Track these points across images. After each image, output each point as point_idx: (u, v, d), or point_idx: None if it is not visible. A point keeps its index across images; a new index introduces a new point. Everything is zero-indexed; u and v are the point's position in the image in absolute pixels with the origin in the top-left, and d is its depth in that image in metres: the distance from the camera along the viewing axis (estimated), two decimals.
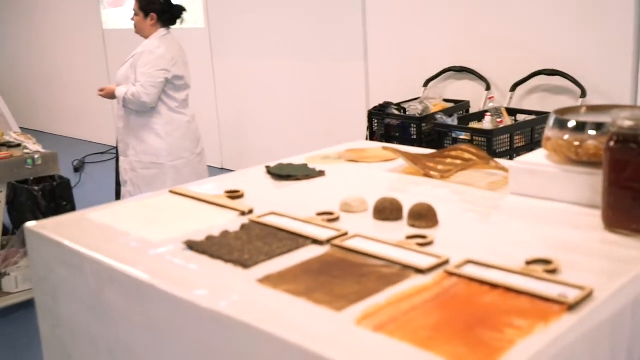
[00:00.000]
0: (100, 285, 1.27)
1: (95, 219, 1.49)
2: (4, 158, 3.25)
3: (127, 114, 3.54)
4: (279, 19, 5.30)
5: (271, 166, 1.85)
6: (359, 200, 1.47)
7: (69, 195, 4.00)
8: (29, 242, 1.48)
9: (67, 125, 8.24)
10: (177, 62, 3.53)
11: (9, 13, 8.67)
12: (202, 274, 1.17)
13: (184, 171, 3.59)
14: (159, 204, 1.59)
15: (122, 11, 6.97)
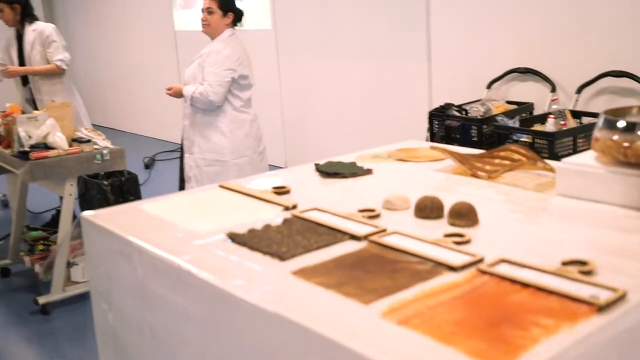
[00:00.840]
0: (145, 272, 1.33)
1: (147, 210, 1.56)
2: (75, 153, 3.39)
3: (193, 112, 3.64)
4: (344, 19, 5.33)
5: (320, 164, 1.87)
6: (401, 198, 1.48)
7: (136, 190, 4.13)
8: (85, 231, 1.56)
9: (139, 123, 8.51)
10: (243, 62, 3.60)
11: (86, 14, 9.03)
12: (241, 264, 1.21)
13: (246, 169, 3.66)
14: (209, 197, 1.65)
15: (192, 13, 7.15)
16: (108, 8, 8.62)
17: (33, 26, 4.67)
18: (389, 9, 4.95)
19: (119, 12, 8.44)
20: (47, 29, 4.68)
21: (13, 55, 4.76)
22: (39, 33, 4.65)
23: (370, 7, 5.09)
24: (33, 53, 4.67)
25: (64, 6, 9.50)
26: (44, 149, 3.37)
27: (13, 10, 4.64)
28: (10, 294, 3.77)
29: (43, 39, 4.65)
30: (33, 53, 4.67)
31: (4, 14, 4.64)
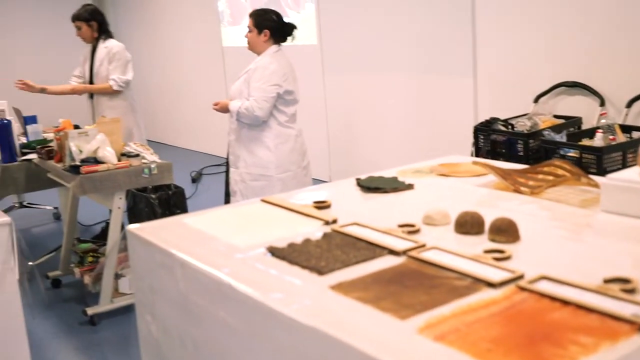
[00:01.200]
0: (188, 285, 1.35)
1: (190, 224, 1.59)
2: (124, 167, 3.47)
3: (239, 127, 3.69)
4: (389, 34, 5.34)
5: (361, 179, 1.88)
6: (442, 214, 1.48)
7: (182, 204, 4.21)
8: (130, 244, 1.60)
9: (187, 137, 8.65)
10: (288, 78, 3.64)
11: (137, 31, 9.24)
12: (280, 278, 1.23)
13: (290, 184, 3.69)
14: (250, 211, 1.67)
15: (239, 29, 7.26)
16: (158, 24, 8.81)
17: (106, 43, 4.82)
18: (434, 23, 4.94)
19: (168, 29, 8.62)
20: (116, 47, 4.81)
21: (86, 70, 4.92)
22: (109, 50, 4.79)
23: (416, 22, 5.09)
24: (101, 69, 4.82)
25: (116, 22, 9.74)
26: (93, 163, 3.45)
27: (90, 28, 4.80)
28: (61, 304, 3.86)
29: (110, 56, 4.79)
30: (101, 69, 4.82)
31: (82, 32, 4.80)
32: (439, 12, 4.89)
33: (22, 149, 4.17)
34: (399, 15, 5.22)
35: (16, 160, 4.07)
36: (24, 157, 4.10)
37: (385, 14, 5.35)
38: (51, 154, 3.82)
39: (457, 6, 4.72)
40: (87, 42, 4.89)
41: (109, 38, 4.88)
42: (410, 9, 5.10)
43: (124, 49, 4.85)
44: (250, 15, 3.75)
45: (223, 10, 7.46)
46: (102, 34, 4.85)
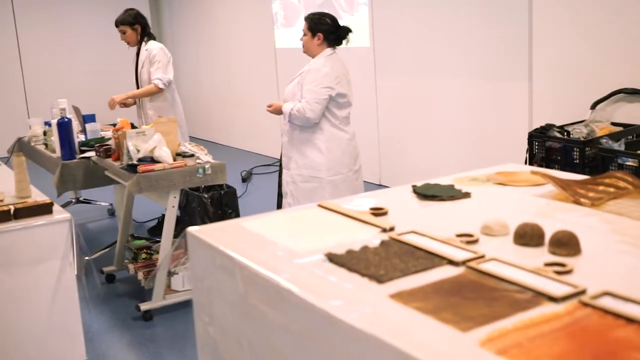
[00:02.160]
0: (247, 288, 1.38)
1: (249, 227, 1.61)
2: (179, 167, 3.53)
3: (292, 129, 3.72)
4: (442, 37, 5.31)
5: (418, 185, 1.88)
6: (500, 224, 1.47)
7: (234, 204, 4.27)
8: (190, 245, 1.63)
9: (238, 137, 8.75)
10: (341, 81, 3.66)
11: (191, 31, 9.39)
12: (339, 285, 1.24)
13: (341, 187, 3.70)
14: (307, 216, 1.68)
15: (292, 31, 7.31)
16: (212, 25, 8.93)
17: (147, 45, 4.92)
18: (490, 26, 4.89)
19: (222, 29, 8.73)
20: (155, 48, 4.89)
21: (134, 74, 5.03)
22: (149, 53, 4.88)
23: (470, 25, 5.05)
24: (143, 71, 4.92)
25: (172, 23, 9.92)
26: (150, 162, 3.52)
27: (134, 31, 4.90)
28: (115, 299, 3.96)
29: (150, 57, 4.87)
30: (143, 71, 4.92)
31: (126, 36, 4.90)
32: (494, 14, 4.84)
33: (80, 147, 4.28)
34: (453, 18, 5.18)
35: (75, 157, 4.18)
36: (83, 154, 4.21)
37: (439, 16, 5.32)
38: (109, 152, 3.92)
39: (514, 9, 4.66)
40: (131, 45, 4.98)
41: (150, 40, 4.96)
42: (465, 12, 5.06)
43: (163, 49, 4.93)
44: (305, 19, 3.78)
45: (277, 12, 7.52)
46: (145, 36, 4.94)
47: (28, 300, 3.00)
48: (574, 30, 4.28)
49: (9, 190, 3.52)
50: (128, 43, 4.98)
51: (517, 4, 4.62)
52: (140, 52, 4.95)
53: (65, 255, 3.07)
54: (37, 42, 9.25)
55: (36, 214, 3.04)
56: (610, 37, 4.07)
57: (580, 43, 4.25)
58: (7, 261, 2.94)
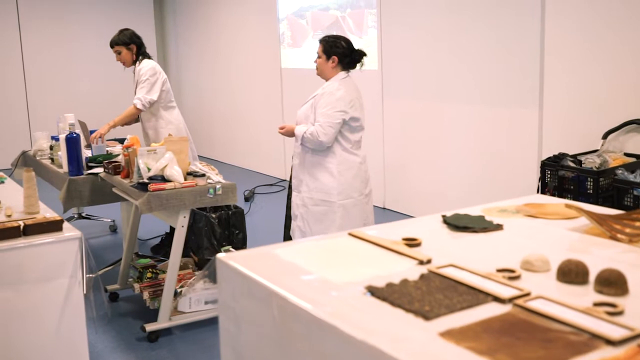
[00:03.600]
0: (284, 318, 1.34)
1: (281, 255, 1.58)
2: (190, 186, 3.50)
3: (304, 152, 3.69)
4: (452, 62, 5.31)
5: (447, 215, 1.85)
6: (541, 260, 1.44)
7: (241, 224, 4.22)
8: (219, 271, 1.59)
9: (240, 156, 8.72)
10: (355, 105, 3.64)
11: (196, 49, 9.40)
12: (383, 320, 1.20)
13: (352, 211, 3.67)
14: (339, 245, 1.65)
15: (299, 52, 7.32)
16: (218, 43, 8.94)
17: (141, 65, 4.83)
18: (501, 51, 4.89)
19: (228, 47, 8.73)
20: (144, 67, 4.77)
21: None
22: (138, 72, 4.82)
23: (481, 50, 5.05)
24: (136, 90, 4.85)
25: (177, 41, 9.93)
26: (161, 181, 3.48)
27: (130, 51, 4.84)
28: (119, 318, 3.90)
29: (138, 77, 4.80)
30: (136, 90, 4.85)
31: (122, 56, 4.84)
32: (506, 40, 4.84)
33: (87, 163, 4.24)
34: (464, 42, 5.19)
35: (82, 173, 4.14)
36: (90, 170, 4.17)
37: (449, 41, 5.33)
38: (118, 169, 3.88)
39: (525, 34, 4.66)
40: (127, 66, 4.90)
41: (145, 59, 4.87)
42: (476, 37, 5.07)
43: (154, 67, 4.77)
44: (320, 41, 3.77)
45: (284, 32, 7.53)
46: (140, 55, 4.88)
47: (35, 318, 2.94)
48: (586, 58, 4.28)
49: (17, 205, 3.47)
50: (123, 63, 4.90)
51: (529, 29, 4.63)
52: (135, 71, 4.90)
53: (74, 273, 3.02)
54: (40, 55, 9.24)
55: (46, 231, 2.99)
56: (623, 66, 4.07)
57: (593, 71, 4.25)
58: (15, 279, 2.88)
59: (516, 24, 4.73)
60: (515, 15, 4.74)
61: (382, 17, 6.02)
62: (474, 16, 5.07)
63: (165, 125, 4.87)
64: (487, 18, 4.96)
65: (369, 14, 6.24)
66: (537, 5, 4.53)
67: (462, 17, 5.18)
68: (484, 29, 5.00)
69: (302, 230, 3.72)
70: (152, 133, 4.87)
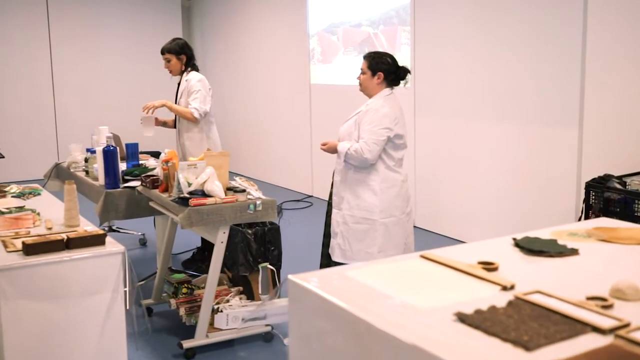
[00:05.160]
0: (369, 344, 1.29)
1: (355, 278, 1.53)
2: (230, 202, 3.46)
3: (346, 169, 3.65)
4: (487, 79, 5.27)
5: (518, 238, 1.80)
6: (633, 287, 1.38)
7: (277, 241, 4.17)
8: (291, 292, 1.55)
9: (266, 171, 8.70)
10: (399, 122, 3.60)
11: (224, 62, 9.42)
12: (481, 349, 1.15)
13: (393, 229, 3.62)
14: (413, 268, 1.60)
15: (329, 67, 7.31)
16: (246, 57, 8.96)
17: (188, 76, 4.87)
18: (539, 68, 4.82)
19: (255, 61, 8.75)
20: (195, 78, 4.83)
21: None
22: (188, 82, 4.84)
23: (518, 66, 5.00)
24: (181, 101, 4.86)
25: (204, 54, 9.96)
26: (201, 196, 3.46)
27: (179, 61, 4.86)
28: (154, 333, 3.85)
29: (189, 87, 4.83)
30: (181, 101, 4.86)
31: (171, 64, 4.86)
32: (544, 55, 4.77)
33: (124, 176, 4.23)
34: (500, 59, 5.14)
35: (119, 186, 4.13)
36: (126, 184, 4.15)
37: (483, 58, 5.28)
38: (156, 183, 3.86)
39: (565, 49, 4.58)
40: (174, 74, 4.94)
41: (193, 71, 4.92)
42: (513, 53, 5.02)
43: (203, 80, 4.85)
44: (365, 57, 3.74)
45: (314, 48, 7.53)
46: (189, 66, 4.91)
47: (77, 332, 2.91)
48: (629, 74, 4.21)
49: (55, 217, 3.46)
50: (171, 72, 4.93)
51: (568, 45, 4.55)
52: (181, 82, 4.92)
53: (116, 287, 2.98)
54: (69, 65, 9.30)
55: (89, 245, 2.97)
56: None
57: (636, 88, 4.18)
58: (58, 292, 2.86)
59: (555, 39, 4.67)
60: (554, 30, 4.67)
61: (416, 34, 5.99)
62: (510, 32, 5.02)
63: (205, 138, 4.89)
64: (524, 33, 4.90)
65: (402, 30, 6.22)
66: (579, 19, 4.46)
67: (497, 33, 5.14)
68: (520, 45, 4.95)
69: (342, 248, 3.68)
70: (190, 144, 4.87)
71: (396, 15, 6.29)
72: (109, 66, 9.55)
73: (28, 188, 4.20)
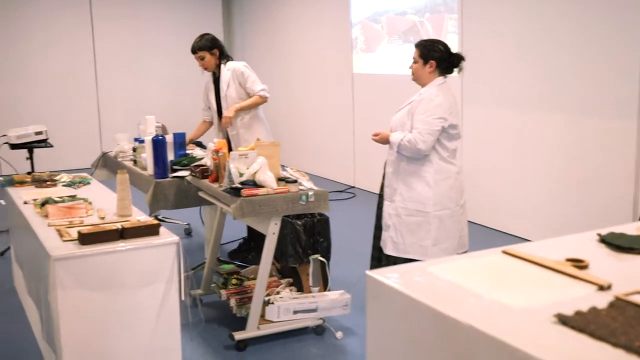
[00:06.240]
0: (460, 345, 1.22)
1: (437, 274, 1.46)
2: (282, 192, 3.41)
3: (398, 160, 3.57)
4: (536, 68, 5.12)
5: (603, 234, 1.71)
6: None
7: (326, 232, 4.11)
8: (369, 289, 1.49)
9: (306, 161, 8.63)
10: (454, 111, 3.50)
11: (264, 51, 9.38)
12: (593, 356, 1.07)
13: (447, 222, 3.53)
14: (497, 264, 1.53)
15: (372, 57, 7.21)
16: (285, 46, 8.90)
17: (227, 66, 4.85)
18: (592, 56, 4.67)
19: (296, 51, 8.69)
20: (240, 66, 4.84)
21: (211, 98, 4.96)
22: (233, 71, 4.81)
23: (571, 55, 4.84)
24: (229, 91, 4.83)
25: (244, 43, 9.94)
26: (253, 186, 3.41)
27: (213, 56, 4.83)
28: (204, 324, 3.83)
29: (238, 75, 4.80)
30: (229, 91, 4.83)
31: (205, 61, 4.82)
32: (598, 43, 4.60)
33: (172, 166, 4.21)
34: (550, 47, 4.99)
35: (168, 176, 4.11)
36: (175, 173, 4.14)
37: (534, 45, 5.14)
38: (206, 173, 3.83)
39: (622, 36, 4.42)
40: (209, 70, 4.90)
41: (229, 60, 4.90)
42: (564, 41, 4.87)
43: (246, 64, 4.91)
44: (417, 45, 3.65)
45: (357, 37, 7.44)
46: (223, 59, 4.87)
47: (131, 323, 2.90)
48: None
49: (106, 207, 3.45)
50: (206, 68, 4.89)
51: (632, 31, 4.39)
52: (221, 74, 4.87)
53: (170, 278, 2.96)
54: (111, 57, 9.36)
55: (143, 235, 2.95)
56: None
57: None
58: (113, 282, 2.84)
59: (610, 22, 4.51)
60: (608, 13, 4.51)
61: (464, 21, 5.86)
62: (561, 18, 4.87)
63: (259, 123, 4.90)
64: (577, 19, 4.75)
65: (449, 18, 6.09)
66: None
67: (548, 20, 4.99)
68: (573, 31, 4.79)
69: (395, 241, 3.60)
70: (245, 132, 4.85)
71: (443, 3, 6.16)
72: (150, 57, 9.59)
73: (78, 177, 4.22)
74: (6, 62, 8.79)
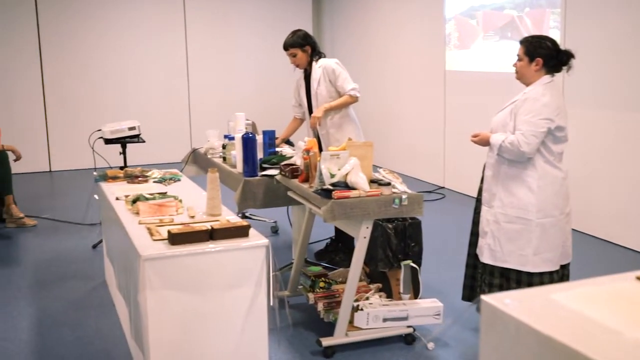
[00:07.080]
0: None
1: (561, 302, 1.29)
2: (375, 195, 3.27)
3: (498, 163, 3.36)
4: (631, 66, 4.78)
5: None
6: None
7: (418, 237, 3.95)
8: (484, 314, 1.33)
9: (393, 160, 8.45)
10: (561, 113, 3.26)
11: (354, 48, 9.25)
12: None
13: (550, 231, 3.30)
14: (631, 293, 1.34)
15: (466, 53, 6.96)
16: (375, 42, 8.75)
17: (319, 63, 4.74)
18: None
19: (386, 47, 8.52)
20: (331, 63, 4.71)
21: (302, 95, 4.88)
22: (324, 69, 4.70)
23: None
24: (320, 89, 4.73)
25: (333, 39, 9.85)
26: (344, 188, 3.29)
27: (305, 53, 4.73)
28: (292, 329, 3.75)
29: (329, 73, 4.69)
30: (320, 89, 4.73)
31: (297, 58, 4.73)
32: None
33: (261, 164, 4.15)
34: None
35: (257, 174, 4.05)
36: (264, 172, 4.07)
37: None
38: (296, 172, 3.74)
39: None
40: (301, 67, 4.80)
41: (321, 57, 4.78)
42: None
43: (339, 62, 4.77)
44: (521, 42, 3.42)
45: (450, 33, 7.20)
46: (315, 55, 4.76)
47: (218, 326, 2.84)
48: None
49: (196, 205, 3.41)
50: (297, 65, 4.79)
51: None
52: (312, 71, 4.76)
53: (259, 282, 2.89)
54: (203, 55, 9.48)
55: (233, 236, 2.89)
56: None
57: None
58: (202, 283, 2.79)
59: None
60: None
61: (567, 16, 5.54)
62: None
63: (350, 122, 4.79)
64: None
65: (550, 13, 5.78)
66: None
67: None
68: None
69: (492, 249, 3.40)
70: (335, 131, 4.76)
71: None
72: (240, 53, 9.65)
73: (169, 173, 4.22)
74: (105, 61, 9.04)
